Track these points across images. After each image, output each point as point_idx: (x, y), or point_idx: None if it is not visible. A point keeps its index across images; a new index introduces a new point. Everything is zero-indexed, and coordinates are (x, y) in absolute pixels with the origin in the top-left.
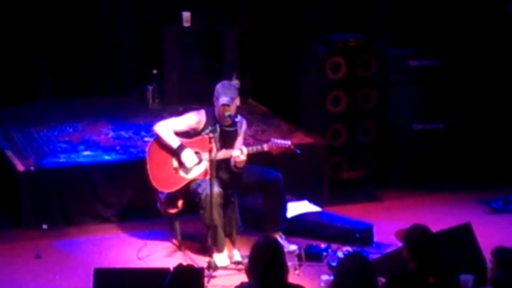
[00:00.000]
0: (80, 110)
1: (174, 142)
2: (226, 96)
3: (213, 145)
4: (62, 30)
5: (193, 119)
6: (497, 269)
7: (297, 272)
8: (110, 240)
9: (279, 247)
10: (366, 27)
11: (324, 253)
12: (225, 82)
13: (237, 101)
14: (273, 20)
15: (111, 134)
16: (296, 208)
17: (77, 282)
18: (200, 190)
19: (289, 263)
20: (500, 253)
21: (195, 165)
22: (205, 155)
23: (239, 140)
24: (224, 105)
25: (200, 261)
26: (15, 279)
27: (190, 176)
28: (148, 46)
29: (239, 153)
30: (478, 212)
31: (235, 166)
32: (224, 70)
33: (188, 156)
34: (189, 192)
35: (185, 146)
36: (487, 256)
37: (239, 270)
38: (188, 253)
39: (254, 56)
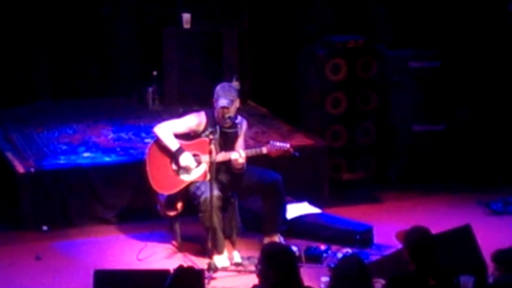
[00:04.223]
0: (80, 112)
1: (173, 144)
2: (226, 98)
3: (213, 147)
4: (62, 31)
5: (193, 121)
6: (498, 271)
7: None
8: (110, 242)
9: (293, 253)
10: (366, 29)
11: (324, 255)
12: (225, 84)
13: (237, 103)
14: (273, 21)
15: (111, 135)
16: (296, 209)
17: (77, 283)
18: (199, 193)
19: None
20: (499, 255)
21: (193, 168)
22: (205, 158)
23: (240, 142)
24: (223, 107)
25: (200, 262)
26: (15, 281)
27: (190, 178)
28: (148, 47)
29: (237, 156)
30: (478, 214)
31: (234, 168)
32: (224, 72)
33: (186, 159)
34: (188, 195)
35: (183, 149)
36: (487, 258)
37: (239, 271)
38: (188, 254)
39: (254, 57)
